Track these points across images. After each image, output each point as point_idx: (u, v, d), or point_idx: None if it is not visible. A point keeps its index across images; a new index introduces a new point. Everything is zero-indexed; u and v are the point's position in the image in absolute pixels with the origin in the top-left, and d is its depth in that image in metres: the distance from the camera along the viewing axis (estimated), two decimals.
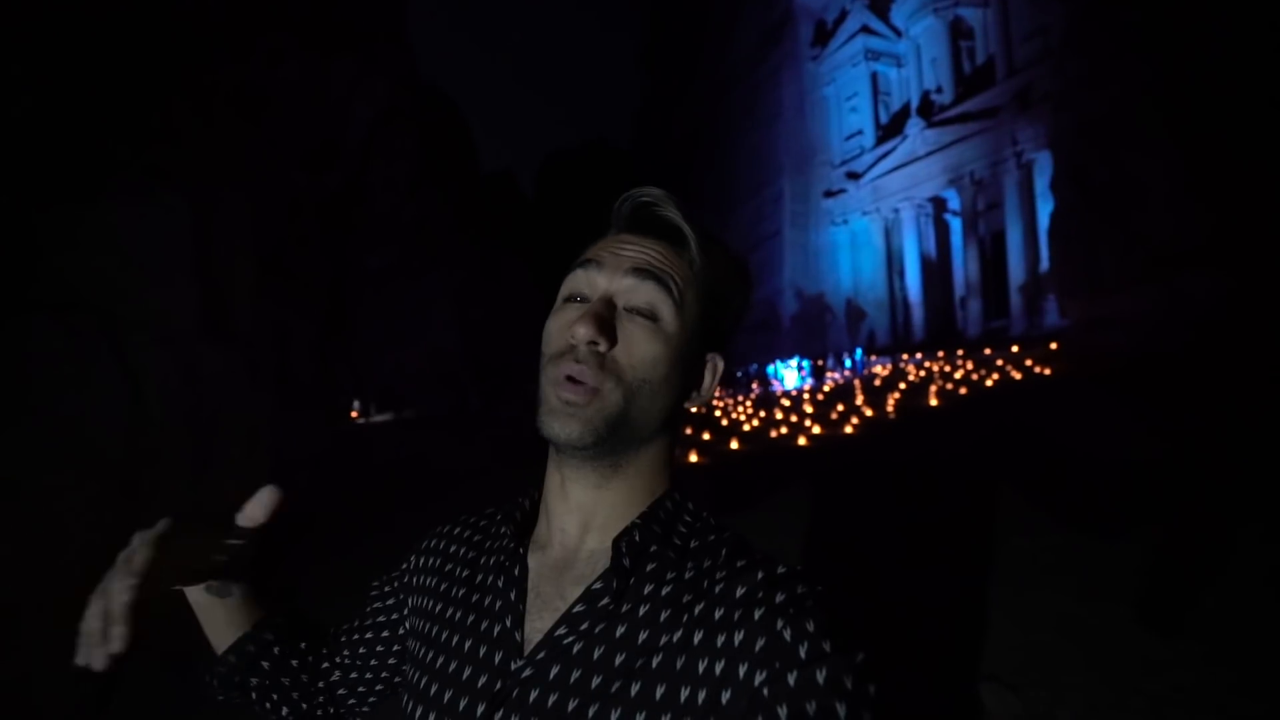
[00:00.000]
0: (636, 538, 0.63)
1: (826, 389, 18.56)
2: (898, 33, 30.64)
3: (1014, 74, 23.52)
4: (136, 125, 4.06)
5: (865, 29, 30.67)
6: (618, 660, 0.58)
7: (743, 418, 14.56)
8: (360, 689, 0.81)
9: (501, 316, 24.31)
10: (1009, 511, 5.19)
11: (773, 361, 25.91)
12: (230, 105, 6.26)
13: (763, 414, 14.70)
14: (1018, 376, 13.76)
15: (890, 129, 30.55)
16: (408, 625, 0.76)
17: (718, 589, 0.60)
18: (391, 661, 0.79)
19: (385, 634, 0.80)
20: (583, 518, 0.67)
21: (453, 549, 0.76)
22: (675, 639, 0.58)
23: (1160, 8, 11.88)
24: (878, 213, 30.18)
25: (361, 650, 0.80)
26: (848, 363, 23.67)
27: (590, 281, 0.66)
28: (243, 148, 5.94)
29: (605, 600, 0.61)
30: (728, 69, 37.08)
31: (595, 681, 0.57)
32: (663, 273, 0.65)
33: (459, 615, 0.69)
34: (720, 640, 0.56)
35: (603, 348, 0.62)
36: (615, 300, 0.64)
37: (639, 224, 0.69)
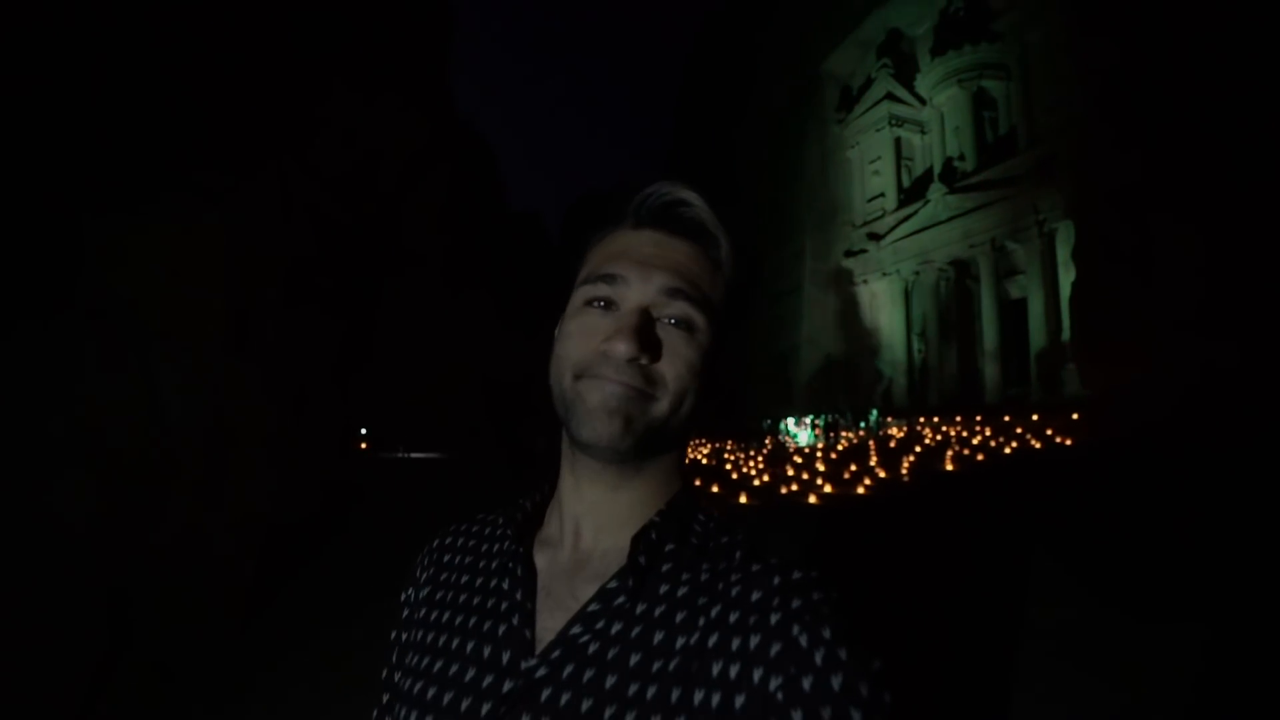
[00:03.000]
0: (653, 536, 0.62)
1: (840, 448, 18.33)
2: (921, 101, 31.33)
3: (1036, 144, 23.85)
4: (188, 148, 4.23)
5: (889, 96, 31.41)
6: (633, 661, 0.57)
7: (753, 472, 14.37)
8: None
9: (519, 357, 24.48)
10: (1029, 585, 5.01)
11: (787, 416, 25.70)
12: (274, 136, 6.52)
13: (774, 469, 14.52)
14: (1038, 445, 13.51)
15: (912, 193, 30.94)
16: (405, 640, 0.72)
17: (733, 592, 0.58)
18: None
19: None
20: (598, 517, 0.66)
21: (446, 558, 0.74)
22: (691, 641, 0.56)
23: (1183, 79, 12.08)
24: (898, 274, 30.30)
25: None
26: (862, 423, 23.43)
27: (618, 293, 0.64)
28: (282, 175, 6.16)
29: (621, 599, 0.60)
30: (755, 124, 38.05)
31: (610, 682, 0.56)
32: (696, 289, 0.63)
33: (459, 620, 0.67)
34: (735, 644, 0.55)
35: (645, 361, 0.61)
36: (650, 311, 0.63)
37: (664, 221, 0.66)
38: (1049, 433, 14.59)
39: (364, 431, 19.42)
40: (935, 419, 21.90)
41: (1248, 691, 3.24)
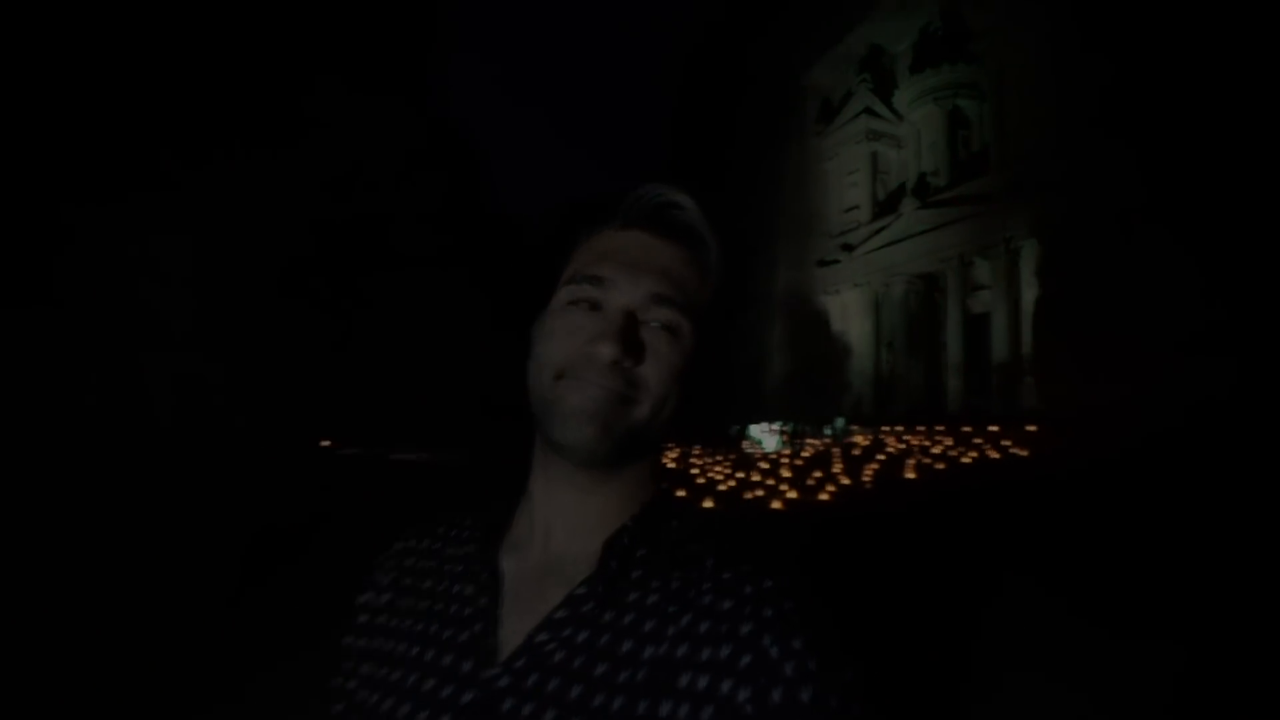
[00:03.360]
0: (626, 541, 0.60)
1: (805, 455, 18.56)
2: (899, 116, 31.96)
3: (1007, 163, 24.45)
4: (179, 146, 4.10)
5: (868, 110, 31.98)
6: (599, 671, 0.54)
7: (720, 477, 14.45)
8: None
9: (510, 358, 24.33)
10: (999, 595, 5.12)
11: (755, 423, 25.87)
12: (265, 134, 6.37)
13: (740, 475, 14.61)
14: (995, 456, 13.86)
15: (886, 206, 31.51)
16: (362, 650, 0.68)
17: (705, 600, 0.56)
18: None
19: None
20: (570, 521, 0.63)
21: (409, 561, 0.70)
22: (660, 651, 0.54)
23: (1153, 105, 12.48)
24: (868, 285, 30.83)
25: None
26: (828, 430, 23.72)
27: (604, 295, 0.62)
28: (272, 174, 6.02)
29: (589, 606, 0.57)
30: (738, 132, 38.27)
31: (575, 692, 0.53)
32: (682, 294, 0.63)
33: (419, 626, 0.63)
34: (705, 655, 0.53)
35: (628, 364, 0.59)
36: (636, 315, 0.61)
37: (655, 222, 0.65)
38: (1006, 444, 14.97)
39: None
40: (899, 428, 22.29)
41: (1218, 704, 3.35)
